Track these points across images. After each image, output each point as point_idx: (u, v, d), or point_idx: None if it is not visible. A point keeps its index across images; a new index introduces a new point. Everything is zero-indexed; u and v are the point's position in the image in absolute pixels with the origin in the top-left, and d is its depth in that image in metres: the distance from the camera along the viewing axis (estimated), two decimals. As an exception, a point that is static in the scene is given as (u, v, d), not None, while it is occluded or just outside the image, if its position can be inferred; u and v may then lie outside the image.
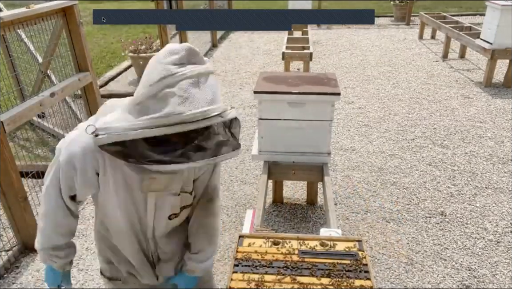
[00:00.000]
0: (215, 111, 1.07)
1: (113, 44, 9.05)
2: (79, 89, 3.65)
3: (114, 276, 1.55)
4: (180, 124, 1.03)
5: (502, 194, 3.34)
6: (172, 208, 1.37)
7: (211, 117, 1.06)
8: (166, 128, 1.03)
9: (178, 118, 1.03)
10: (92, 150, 1.19)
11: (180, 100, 1.04)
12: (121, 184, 1.26)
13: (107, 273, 1.56)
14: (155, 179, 1.25)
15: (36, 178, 3.44)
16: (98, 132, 1.11)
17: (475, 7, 11.43)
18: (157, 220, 1.37)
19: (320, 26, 9.90)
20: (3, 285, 2.58)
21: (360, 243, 1.56)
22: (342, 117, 4.88)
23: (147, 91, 1.08)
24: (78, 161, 1.22)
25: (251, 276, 1.41)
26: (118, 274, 1.54)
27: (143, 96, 1.08)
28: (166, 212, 1.37)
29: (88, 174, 1.24)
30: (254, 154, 2.97)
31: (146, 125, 1.05)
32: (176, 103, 1.03)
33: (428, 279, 2.54)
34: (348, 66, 6.84)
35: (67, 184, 1.28)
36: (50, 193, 1.31)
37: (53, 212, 1.33)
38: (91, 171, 1.24)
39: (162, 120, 1.03)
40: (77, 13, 3.40)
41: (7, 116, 2.67)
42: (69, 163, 1.23)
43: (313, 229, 3.00)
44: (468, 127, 4.52)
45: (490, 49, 5.48)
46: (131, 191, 1.28)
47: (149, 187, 1.27)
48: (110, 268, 1.54)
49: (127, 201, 1.30)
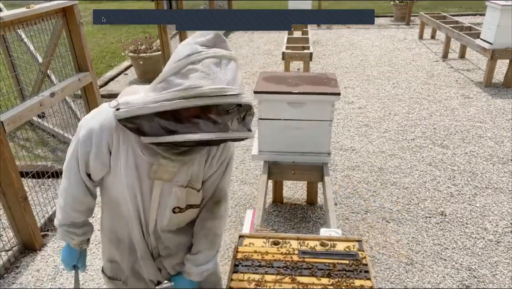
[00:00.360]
0: (233, 91, 1.11)
1: (113, 44, 9.05)
2: (79, 89, 3.65)
3: (115, 275, 1.55)
4: (197, 97, 1.07)
5: (502, 194, 3.34)
6: (177, 201, 1.37)
7: (228, 95, 1.09)
8: (185, 100, 1.07)
9: (197, 91, 1.07)
10: (110, 126, 1.25)
11: (201, 75, 1.08)
12: (131, 166, 1.28)
13: (108, 272, 1.57)
14: (164, 166, 1.26)
15: (36, 178, 3.45)
16: (119, 106, 1.17)
17: (475, 7, 11.43)
18: (160, 211, 1.38)
19: (320, 26, 9.89)
20: (3, 285, 2.58)
21: (360, 243, 1.56)
22: (342, 117, 4.88)
23: (172, 67, 1.12)
24: (95, 135, 1.26)
25: (251, 276, 1.41)
26: (119, 274, 1.54)
27: (168, 72, 1.13)
28: (170, 203, 1.37)
29: (102, 149, 1.28)
30: (254, 154, 2.97)
31: (166, 98, 1.09)
32: (197, 77, 1.08)
33: (428, 279, 2.54)
34: (348, 66, 6.84)
35: (84, 159, 1.31)
36: (70, 168, 1.35)
37: (73, 188, 1.37)
38: (105, 146, 1.27)
39: (181, 93, 1.07)
40: (77, 13, 3.40)
41: (7, 116, 2.67)
42: (87, 137, 1.28)
43: (313, 229, 3.00)
44: (468, 127, 4.52)
45: (490, 49, 5.48)
46: (140, 177, 1.30)
47: (156, 174, 1.28)
48: (112, 267, 1.54)
49: (134, 185, 1.31)
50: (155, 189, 1.33)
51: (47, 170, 3.54)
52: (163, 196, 1.35)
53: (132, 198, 1.34)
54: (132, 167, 1.29)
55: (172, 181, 1.32)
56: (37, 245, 2.88)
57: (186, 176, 1.34)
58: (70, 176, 1.36)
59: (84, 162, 1.32)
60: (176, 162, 1.27)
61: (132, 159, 1.28)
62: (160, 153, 1.23)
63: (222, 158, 1.42)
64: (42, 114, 4.64)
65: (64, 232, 1.44)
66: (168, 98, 1.08)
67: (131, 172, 1.29)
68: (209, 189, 1.46)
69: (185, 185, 1.36)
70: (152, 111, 1.10)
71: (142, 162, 1.28)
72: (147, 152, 1.24)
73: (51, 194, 3.43)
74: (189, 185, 1.37)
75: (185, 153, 1.26)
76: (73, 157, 1.33)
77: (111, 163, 1.30)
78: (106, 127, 1.25)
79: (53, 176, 3.52)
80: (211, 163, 1.40)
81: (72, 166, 1.35)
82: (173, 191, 1.34)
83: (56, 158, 4.05)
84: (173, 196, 1.35)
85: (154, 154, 1.24)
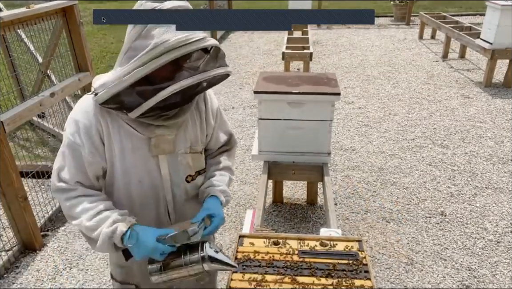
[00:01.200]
0: (198, 36, 1.11)
1: (113, 44, 9.05)
2: (79, 89, 3.64)
3: (126, 279, 1.52)
4: (166, 52, 1.07)
5: (502, 194, 3.34)
6: (187, 169, 1.38)
7: (194, 41, 1.10)
8: (156, 60, 1.07)
9: (165, 46, 1.07)
10: (95, 112, 1.22)
11: (163, 30, 1.08)
12: (129, 148, 1.26)
13: (118, 277, 1.53)
14: (162, 137, 1.25)
15: (36, 178, 3.45)
16: (96, 91, 1.16)
17: (475, 7, 11.43)
18: (175, 185, 1.37)
19: (320, 26, 9.89)
20: (3, 285, 2.58)
21: (360, 243, 1.56)
22: (342, 117, 4.88)
23: (132, 35, 1.12)
24: (83, 127, 1.22)
25: (251, 276, 1.41)
26: (130, 278, 1.51)
27: (129, 40, 1.13)
28: (182, 174, 1.37)
29: (94, 140, 1.23)
30: (254, 154, 2.97)
31: (138, 64, 1.09)
32: (160, 33, 1.08)
33: (428, 279, 2.54)
34: (348, 66, 6.84)
35: (78, 164, 1.25)
36: (71, 181, 1.26)
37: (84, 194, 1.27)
38: (97, 136, 1.23)
39: (151, 53, 1.07)
40: (77, 13, 3.40)
41: (7, 116, 2.67)
42: (75, 132, 1.22)
43: (313, 229, 3.00)
44: (468, 127, 4.52)
45: (490, 49, 5.48)
46: (142, 157, 1.28)
47: (158, 148, 1.27)
48: (121, 271, 1.51)
49: (138, 166, 1.29)
50: (162, 165, 1.32)
51: (47, 170, 3.54)
52: (172, 169, 1.34)
53: (145, 184, 1.31)
54: (131, 150, 1.26)
55: (175, 151, 1.32)
56: (37, 245, 2.88)
57: (185, 142, 1.35)
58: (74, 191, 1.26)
59: (78, 170, 1.24)
60: (171, 128, 1.26)
61: (129, 141, 1.25)
62: (153, 123, 1.22)
63: (214, 110, 1.45)
64: (42, 114, 4.64)
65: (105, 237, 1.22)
66: (140, 64, 1.08)
67: (131, 155, 1.26)
68: (217, 141, 1.50)
69: (188, 151, 1.36)
70: (129, 82, 1.10)
71: (139, 141, 1.26)
72: (140, 127, 1.23)
73: (51, 194, 3.42)
74: (191, 151, 1.37)
75: (176, 116, 1.26)
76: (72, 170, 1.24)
77: (106, 154, 1.26)
78: (91, 114, 1.22)
79: (53, 176, 3.52)
80: (208, 121, 1.42)
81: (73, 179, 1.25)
82: (179, 160, 1.34)
83: (56, 158, 4.05)
84: (182, 165, 1.36)
85: (147, 127, 1.23)
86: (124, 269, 1.50)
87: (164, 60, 1.07)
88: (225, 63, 1.22)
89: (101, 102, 1.16)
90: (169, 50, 1.07)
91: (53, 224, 3.16)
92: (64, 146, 1.25)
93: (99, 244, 1.23)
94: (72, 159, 1.24)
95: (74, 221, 1.26)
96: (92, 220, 1.23)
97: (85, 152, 1.23)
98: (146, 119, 1.20)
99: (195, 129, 1.37)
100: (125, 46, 1.15)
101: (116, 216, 1.23)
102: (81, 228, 1.27)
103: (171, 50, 1.07)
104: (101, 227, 1.22)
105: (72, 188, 1.26)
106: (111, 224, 1.21)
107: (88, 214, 1.23)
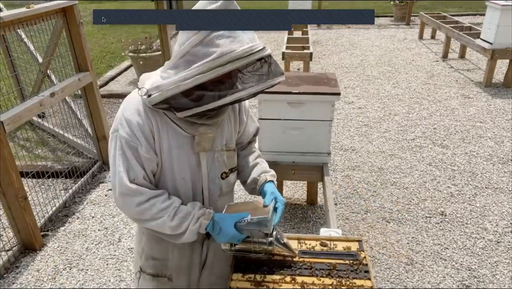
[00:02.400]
0: (259, 46, 1.14)
1: (113, 44, 9.05)
2: (79, 89, 3.64)
3: (159, 272, 1.51)
4: (231, 62, 1.10)
5: (502, 194, 3.34)
6: (222, 166, 1.42)
7: (255, 52, 1.13)
8: (221, 68, 1.10)
9: (231, 56, 1.09)
10: (145, 111, 1.25)
11: (230, 40, 1.11)
12: (175, 146, 1.30)
13: (150, 269, 1.52)
14: (204, 135, 1.29)
15: (36, 178, 3.45)
16: (150, 92, 1.19)
17: (475, 7, 11.44)
18: (211, 181, 1.41)
19: (320, 26, 9.90)
20: (3, 285, 2.58)
21: (360, 243, 1.56)
22: (342, 117, 4.88)
23: (193, 40, 1.13)
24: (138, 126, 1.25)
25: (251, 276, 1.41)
26: (164, 271, 1.51)
27: (189, 45, 1.13)
28: (217, 170, 1.41)
29: (149, 138, 1.27)
30: (254, 154, 2.97)
31: (200, 71, 1.11)
32: (227, 42, 1.10)
33: (428, 279, 2.54)
34: (348, 66, 6.84)
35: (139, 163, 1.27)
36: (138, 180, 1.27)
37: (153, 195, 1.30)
38: (149, 134, 1.27)
39: (217, 61, 1.10)
40: (77, 13, 3.40)
41: (7, 116, 2.67)
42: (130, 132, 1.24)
43: (313, 229, 3.00)
44: (468, 127, 4.52)
45: (490, 49, 5.48)
46: (185, 154, 1.32)
47: (200, 145, 1.31)
48: (154, 264, 1.51)
49: (182, 163, 1.33)
50: (202, 162, 1.36)
51: (47, 170, 3.54)
52: (210, 166, 1.39)
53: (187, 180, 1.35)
54: (177, 147, 1.31)
55: (213, 148, 1.37)
56: (37, 245, 2.88)
57: (222, 139, 1.40)
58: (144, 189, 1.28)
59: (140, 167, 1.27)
60: (213, 126, 1.31)
61: (175, 139, 1.30)
62: (196, 122, 1.26)
63: (247, 108, 1.52)
64: (42, 114, 4.65)
65: (193, 233, 1.30)
66: (204, 70, 1.10)
67: (176, 151, 1.31)
68: (248, 135, 1.57)
69: (224, 149, 1.41)
70: (190, 86, 1.13)
71: (184, 138, 1.30)
72: (185, 125, 1.27)
73: (51, 194, 3.43)
74: (227, 148, 1.42)
75: (217, 115, 1.32)
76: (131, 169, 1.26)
77: (156, 151, 1.30)
78: (142, 112, 1.25)
79: (53, 176, 3.53)
80: (241, 118, 1.48)
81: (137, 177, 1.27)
82: (215, 157, 1.39)
83: (56, 158, 4.05)
84: (218, 162, 1.40)
85: (191, 125, 1.28)
86: (158, 261, 1.50)
87: (228, 69, 1.10)
88: (280, 71, 1.24)
89: (154, 103, 1.19)
90: (234, 60, 1.10)
91: (53, 224, 3.16)
92: (123, 146, 1.26)
93: (185, 238, 1.32)
94: (134, 158, 1.27)
95: (152, 222, 1.30)
96: (174, 219, 1.29)
97: (142, 150, 1.26)
98: (190, 118, 1.25)
99: (230, 127, 1.43)
100: (182, 50, 1.15)
101: (197, 212, 1.31)
102: (162, 229, 1.31)
103: (237, 60, 1.10)
104: (185, 223, 1.29)
105: (140, 191, 1.28)
106: (195, 221, 1.30)
107: (168, 214, 1.29)
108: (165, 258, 1.49)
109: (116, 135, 1.27)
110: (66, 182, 3.66)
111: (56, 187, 3.57)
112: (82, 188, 3.61)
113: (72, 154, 4.03)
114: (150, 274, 1.53)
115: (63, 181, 3.67)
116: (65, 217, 3.25)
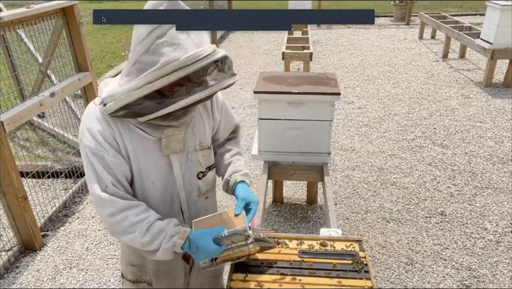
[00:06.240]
0: (205, 52, 1.12)
1: (113, 44, 9.05)
2: (79, 89, 3.65)
3: (138, 278, 1.51)
4: (176, 70, 1.08)
5: (502, 194, 3.34)
6: (197, 166, 1.39)
7: (203, 57, 1.11)
8: (166, 77, 1.09)
9: (174, 65, 1.08)
10: (105, 118, 1.23)
11: (172, 48, 1.09)
12: (141, 151, 1.27)
13: (130, 275, 1.51)
14: (171, 137, 1.27)
15: (36, 178, 3.45)
16: (105, 101, 1.18)
17: (475, 7, 11.44)
18: (186, 182, 1.38)
19: (320, 26, 9.89)
20: (3, 285, 2.58)
21: (360, 243, 1.56)
22: (342, 117, 4.88)
23: (139, 48, 1.12)
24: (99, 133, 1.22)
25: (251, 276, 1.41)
26: (142, 276, 1.50)
27: (137, 54, 1.13)
28: (193, 171, 1.38)
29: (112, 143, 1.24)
30: (254, 154, 2.97)
31: (148, 80, 1.10)
32: (170, 51, 1.09)
33: (428, 279, 2.54)
34: (348, 66, 6.84)
35: (111, 170, 1.24)
36: (109, 189, 1.24)
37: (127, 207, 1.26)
38: (111, 137, 1.23)
39: (160, 72, 1.09)
40: (77, 13, 3.40)
41: (7, 116, 2.67)
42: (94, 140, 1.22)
43: (313, 229, 3.00)
44: (468, 127, 4.52)
45: (490, 49, 5.48)
46: (154, 158, 1.29)
47: (169, 148, 1.29)
48: (133, 270, 1.50)
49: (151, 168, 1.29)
50: (174, 164, 1.33)
51: (47, 170, 3.54)
52: (183, 167, 1.36)
53: (158, 184, 1.32)
54: (144, 152, 1.27)
55: (185, 149, 1.34)
56: (37, 245, 2.88)
57: (194, 140, 1.37)
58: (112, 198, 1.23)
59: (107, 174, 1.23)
60: (181, 127, 1.28)
61: (140, 144, 1.26)
62: (161, 124, 1.23)
63: (219, 104, 1.48)
64: (42, 114, 4.65)
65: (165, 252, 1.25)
66: (150, 80, 1.09)
67: (143, 157, 1.27)
68: (224, 132, 1.54)
69: (198, 148, 1.38)
70: (140, 96, 1.12)
71: (150, 142, 1.27)
72: (150, 129, 1.24)
73: (51, 194, 3.43)
74: (201, 147, 1.39)
75: (184, 115, 1.28)
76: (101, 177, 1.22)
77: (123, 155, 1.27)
78: (102, 119, 1.22)
79: (53, 176, 3.53)
80: (213, 116, 1.45)
81: (107, 185, 1.23)
82: (189, 158, 1.36)
83: (56, 158, 4.05)
84: (192, 163, 1.37)
85: (157, 128, 1.25)
86: (136, 267, 1.49)
87: (174, 78, 1.09)
88: (233, 72, 1.23)
89: (110, 112, 1.17)
90: (179, 68, 1.08)
91: (53, 224, 3.16)
92: (88, 156, 1.23)
93: (159, 256, 1.26)
94: (101, 165, 1.23)
95: (124, 237, 1.25)
96: (145, 235, 1.23)
97: (108, 155, 1.23)
98: (155, 121, 1.22)
99: (202, 125, 1.40)
100: (132, 58, 1.15)
101: (171, 229, 1.25)
102: (134, 244, 1.27)
103: (182, 68, 1.08)
104: (157, 241, 1.23)
105: (113, 201, 1.23)
106: (169, 239, 1.24)
107: (140, 229, 1.23)
108: (143, 264, 1.47)
109: (81, 146, 1.25)
110: (66, 182, 3.66)
111: (56, 187, 3.57)
112: (82, 188, 3.61)
113: (72, 154, 4.03)
114: (130, 280, 1.52)
115: (63, 181, 3.67)
116: (65, 217, 3.26)
